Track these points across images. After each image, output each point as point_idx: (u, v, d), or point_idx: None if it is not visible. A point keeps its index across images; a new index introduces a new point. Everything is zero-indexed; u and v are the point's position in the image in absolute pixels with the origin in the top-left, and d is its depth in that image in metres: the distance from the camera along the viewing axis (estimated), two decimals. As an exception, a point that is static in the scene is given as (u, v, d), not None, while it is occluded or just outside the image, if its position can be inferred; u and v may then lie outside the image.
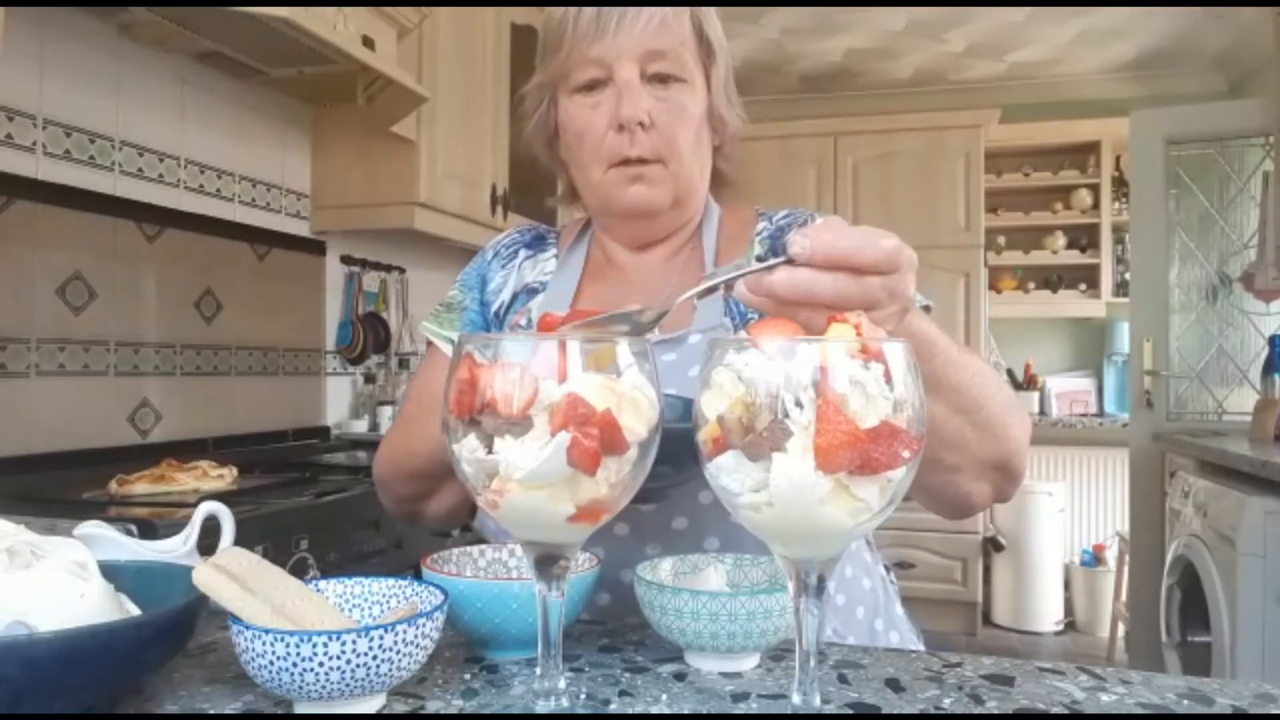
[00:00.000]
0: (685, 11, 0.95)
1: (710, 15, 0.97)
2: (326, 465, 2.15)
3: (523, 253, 1.08)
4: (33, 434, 1.77)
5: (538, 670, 0.55)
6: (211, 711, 0.61)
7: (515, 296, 1.05)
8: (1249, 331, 3.53)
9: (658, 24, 0.92)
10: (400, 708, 0.61)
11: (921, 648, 1.00)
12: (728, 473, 0.50)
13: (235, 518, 0.90)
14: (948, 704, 0.63)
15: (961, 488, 0.81)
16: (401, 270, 2.94)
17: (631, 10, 0.92)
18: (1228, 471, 2.58)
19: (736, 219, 1.06)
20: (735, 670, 0.70)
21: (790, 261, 0.57)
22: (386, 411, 2.75)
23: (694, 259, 1.02)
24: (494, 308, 1.05)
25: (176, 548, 0.87)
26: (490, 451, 0.51)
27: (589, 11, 0.92)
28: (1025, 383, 4.83)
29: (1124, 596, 3.75)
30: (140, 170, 2.02)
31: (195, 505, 0.91)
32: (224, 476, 1.72)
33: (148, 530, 1.29)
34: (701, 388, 0.52)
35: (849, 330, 0.51)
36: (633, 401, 0.51)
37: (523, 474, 0.50)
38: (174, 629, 0.61)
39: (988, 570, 4.31)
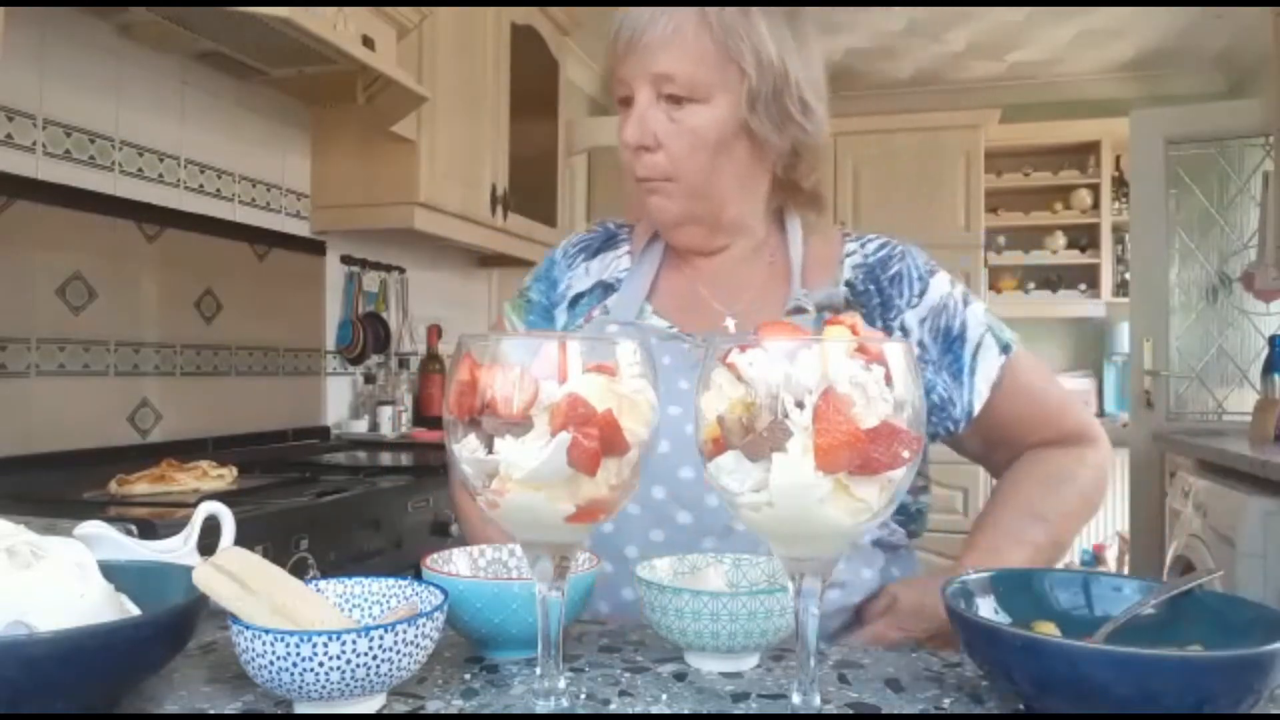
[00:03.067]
0: (703, 32, 0.91)
1: (737, 32, 0.91)
2: (326, 465, 2.15)
3: (583, 256, 1.11)
4: (33, 434, 1.77)
5: (538, 670, 0.56)
6: (211, 711, 0.61)
7: (590, 291, 1.07)
8: (1249, 331, 3.53)
9: (661, 48, 0.92)
10: (400, 708, 0.61)
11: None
12: (728, 473, 0.50)
13: (235, 518, 0.90)
14: (948, 704, 0.63)
15: None
16: (401, 270, 2.94)
17: (642, 32, 0.92)
18: (1227, 471, 2.57)
19: (821, 236, 1.05)
20: (735, 670, 0.70)
21: None
22: (386, 412, 2.75)
23: (777, 272, 1.03)
24: (560, 308, 1.09)
25: (176, 548, 0.87)
26: (490, 451, 0.51)
27: (622, 29, 0.94)
28: (1025, 383, 4.82)
29: (1124, 596, 3.75)
30: (140, 170, 2.02)
31: (195, 505, 0.91)
32: (224, 476, 1.72)
33: (148, 530, 1.28)
34: (701, 388, 0.52)
35: (845, 331, 0.51)
36: (633, 403, 0.51)
37: (523, 474, 0.50)
38: (174, 629, 0.61)
39: (988, 570, 4.30)
